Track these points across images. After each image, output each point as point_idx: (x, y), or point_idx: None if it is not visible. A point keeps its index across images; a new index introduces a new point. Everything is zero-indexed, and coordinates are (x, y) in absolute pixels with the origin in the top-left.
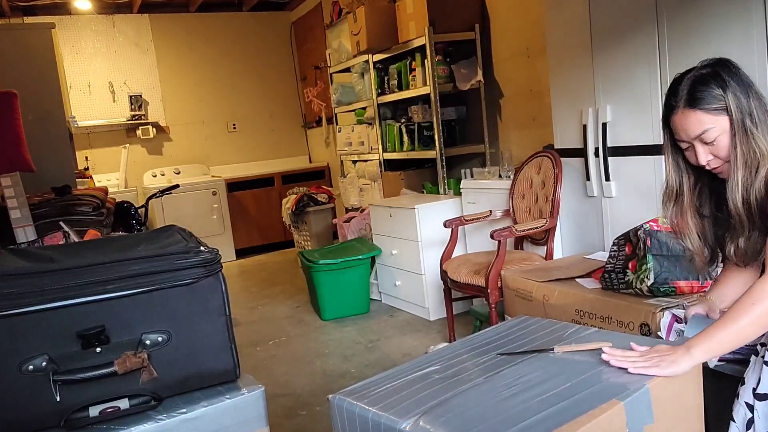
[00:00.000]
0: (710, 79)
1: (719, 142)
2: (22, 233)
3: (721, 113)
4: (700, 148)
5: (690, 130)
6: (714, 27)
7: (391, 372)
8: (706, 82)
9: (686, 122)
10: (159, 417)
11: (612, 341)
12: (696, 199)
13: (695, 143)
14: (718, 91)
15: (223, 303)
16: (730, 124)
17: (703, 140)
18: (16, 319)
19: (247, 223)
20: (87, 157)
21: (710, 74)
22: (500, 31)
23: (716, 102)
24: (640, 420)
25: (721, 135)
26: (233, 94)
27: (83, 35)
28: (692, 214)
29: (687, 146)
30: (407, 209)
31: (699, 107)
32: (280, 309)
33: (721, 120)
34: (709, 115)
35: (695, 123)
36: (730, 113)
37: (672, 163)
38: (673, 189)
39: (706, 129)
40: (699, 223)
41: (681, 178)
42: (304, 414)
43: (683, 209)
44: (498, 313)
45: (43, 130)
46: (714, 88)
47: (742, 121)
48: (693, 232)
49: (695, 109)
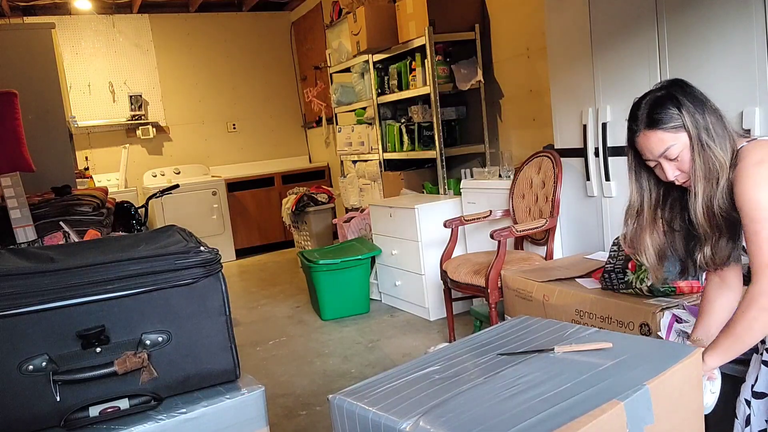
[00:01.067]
0: (666, 101)
1: (683, 157)
2: (22, 233)
3: (680, 130)
4: (666, 165)
5: (654, 149)
6: (714, 27)
7: (391, 372)
8: (662, 103)
9: (649, 142)
10: (159, 417)
11: (612, 341)
12: (667, 213)
13: (661, 161)
14: (673, 110)
15: (223, 303)
16: (689, 139)
17: (668, 157)
18: (16, 319)
19: (247, 223)
20: (87, 157)
21: (665, 96)
22: (500, 31)
23: (673, 120)
24: (640, 420)
25: (683, 150)
26: (233, 94)
27: (83, 35)
28: (650, 233)
29: (655, 164)
30: (407, 209)
31: (658, 127)
32: (280, 309)
33: (681, 136)
34: (668, 133)
35: (657, 142)
36: (687, 129)
37: (635, 184)
38: (634, 208)
39: (668, 146)
40: (658, 240)
41: (642, 197)
42: (304, 414)
43: (642, 227)
44: (498, 313)
45: (43, 130)
46: (670, 108)
47: (699, 136)
48: (649, 249)
49: (655, 129)
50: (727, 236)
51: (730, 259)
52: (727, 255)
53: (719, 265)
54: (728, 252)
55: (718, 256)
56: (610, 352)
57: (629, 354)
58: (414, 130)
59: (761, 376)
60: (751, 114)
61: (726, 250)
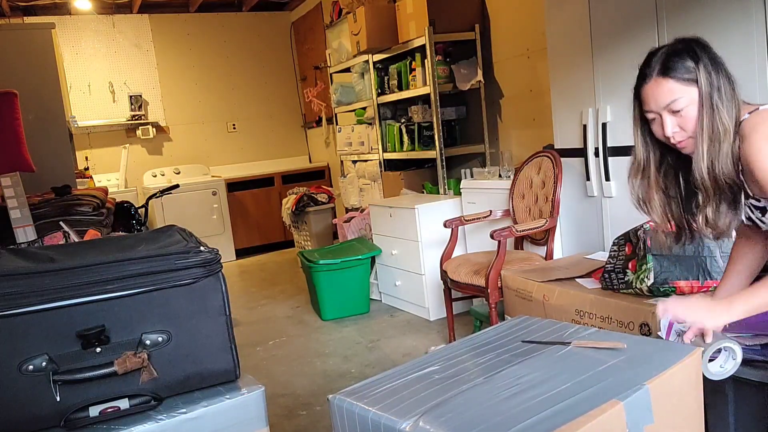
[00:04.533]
0: (684, 52)
1: (686, 113)
2: (22, 233)
3: (692, 84)
4: (667, 119)
5: (660, 99)
6: (714, 27)
7: (391, 372)
8: (679, 54)
9: (657, 90)
10: (159, 417)
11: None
12: (663, 178)
13: (663, 113)
14: (690, 62)
15: (223, 303)
16: (699, 96)
17: (672, 109)
18: (16, 319)
19: (247, 223)
20: (87, 157)
21: (684, 48)
22: (500, 31)
23: (688, 73)
24: (640, 420)
25: (689, 106)
26: (233, 94)
27: (83, 35)
28: (657, 190)
29: (654, 117)
30: (407, 209)
31: (671, 75)
32: (280, 309)
33: (690, 90)
34: (679, 84)
35: (666, 92)
36: (699, 85)
37: (640, 138)
38: (640, 163)
39: (675, 98)
40: (664, 199)
41: (648, 153)
42: (304, 414)
43: (650, 184)
44: (498, 313)
45: (43, 130)
46: (687, 59)
47: (710, 94)
48: (658, 207)
49: (667, 77)
50: (727, 202)
51: (730, 229)
52: (728, 223)
53: (720, 233)
54: (729, 220)
55: (721, 222)
56: (610, 352)
57: (629, 354)
58: (414, 130)
59: None
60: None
61: (727, 217)
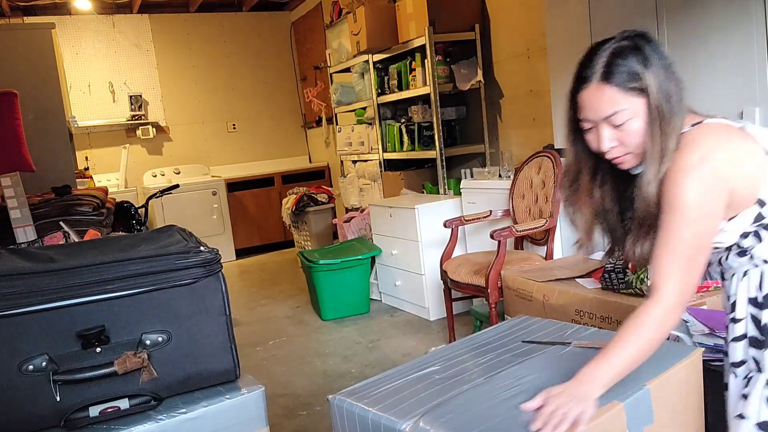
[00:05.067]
0: (631, 53)
1: (628, 128)
2: (22, 233)
3: (637, 94)
4: (605, 132)
5: (600, 109)
6: (714, 28)
7: (391, 372)
8: (625, 55)
9: (597, 99)
10: (159, 417)
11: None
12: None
13: (601, 125)
14: (638, 67)
15: (223, 303)
16: (646, 108)
17: (612, 122)
18: (16, 319)
19: (247, 223)
20: (87, 157)
21: (631, 47)
22: (500, 31)
23: (634, 80)
24: (640, 421)
25: (632, 119)
26: (233, 94)
27: (83, 35)
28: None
29: (590, 127)
30: (407, 209)
31: (614, 83)
32: (280, 309)
33: (635, 102)
34: (623, 94)
35: (607, 101)
36: (648, 95)
37: (572, 147)
38: (570, 171)
39: (617, 110)
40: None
41: (579, 163)
42: (304, 414)
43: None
44: (498, 313)
45: (43, 130)
46: (634, 63)
47: (660, 106)
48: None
49: (610, 84)
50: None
51: None
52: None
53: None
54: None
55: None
56: None
57: None
58: (414, 130)
59: None
60: (751, 114)
61: None
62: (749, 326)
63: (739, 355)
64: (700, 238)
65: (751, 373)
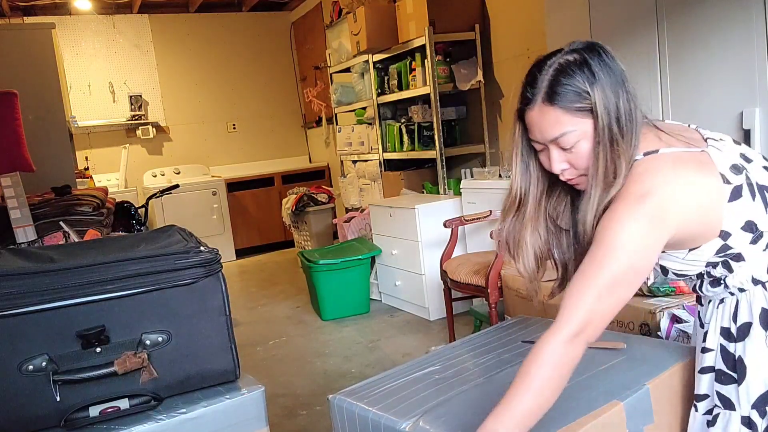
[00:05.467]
0: (577, 71)
1: (578, 150)
2: (22, 233)
3: (585, 115)
4: (555, 154)
5: (546, 131)
6: (714, 28)
7: (391, 372)
8: (571, 73)
9: (542, 120)
10: (159, 417)
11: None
12: (552, 208)
13: (550, 147)
14: (584, 86)
15: (223, 303)
16: (594, 129)
17: (560, 145)
18: (16, 319)
19: (247, 223)
20: (87, 157)
21: (579, 62)
22: (500, 31)
23: (581, 100)
24: (640, 420)
25: (581, 141)
26: (233, 94)
27: (83, 35)
28: (532, 230)
29: (542, 148)
30: (407, 209)
31: (559, 104)
32: (280, 309)
33: (583, 123)
34: (569, 115)
35: (552, 123)
36: (595, 116)
37: (521, 167)
38: (516, 197)
39: (564, 132)
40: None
41: (528, 185)
42: (304, 414)
43: (523, 223)
44: (498, 313)
45: (44, 130)
46: (580, 82)
47: (609, 127)
48: (529, 253)
49: (554, 105)
50: None
51: None
52: None
53: None
54: None
55: None
56: (611, 352)
57: (629, 354)
58: (414, 130)
59: None
60: (751, 114)
61: None
62: (717, 359)
63: (703, 388)
64: (624, 273)
65: (716, 410)
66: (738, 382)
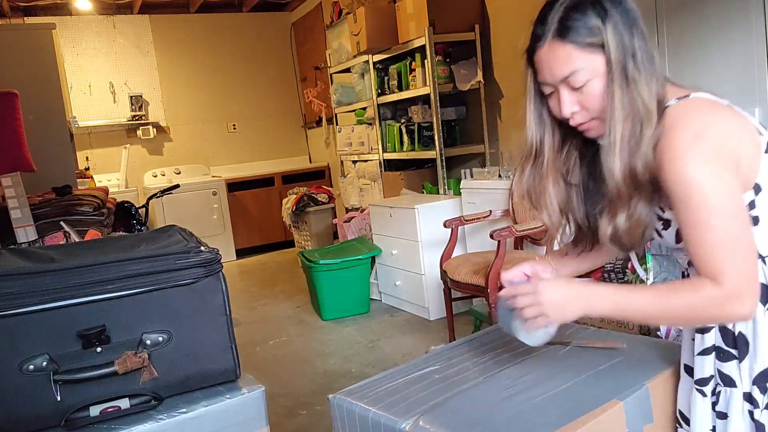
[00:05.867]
0: (589, 6)
1: (589, 90)
2: (23, 233)
3: (596, 51)
4: (565, 95)
5: (556, 69)
6: (714, 27)
7: (391, 372)
8: (582, 8)
9: (552, 58)
10: (159, 417)
11: (621, 341)
12: (562, 164)
13: (560, 88)
14: (596, 21)
15: (224, 303)
16: (606, 66)
17: (570, 84)
18: (16, 319)
19: (247, 223)
20: (87, 157)
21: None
22: (500, 31)
23: (591, 35)
24: (639, 420)
25: (592, 80)
26: (233, 94)
27: (84, 36)
28: (554, 181)
29: (551, 91)
30: (407, 209)
31: (570, 39)
32: (281, 309)
33: (594, 60)
34: (580, 51)
35: (563, 60)
36: (607, 52)
37: (534, 114)
38: (532, 147)
39: (575, 69)
40: (563, 192)
41: (543, 133)
42: (305, 414)
43: (543, 173)
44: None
45: (44, 130)
46: (591, 17)
47: (623, 63)
48: (553, 203)
49: (565, 41)
50: (646, 201)
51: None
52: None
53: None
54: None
55: (634, 231)
56: (610, 352)
57: (629, 354)
58: (414, 130)
59: None
60: (750, 114)
61: (642, 223)
62: (717, 337)
63: (708, 370)
64: (733, 216)
65: (717, 388)
66: (739, 359)
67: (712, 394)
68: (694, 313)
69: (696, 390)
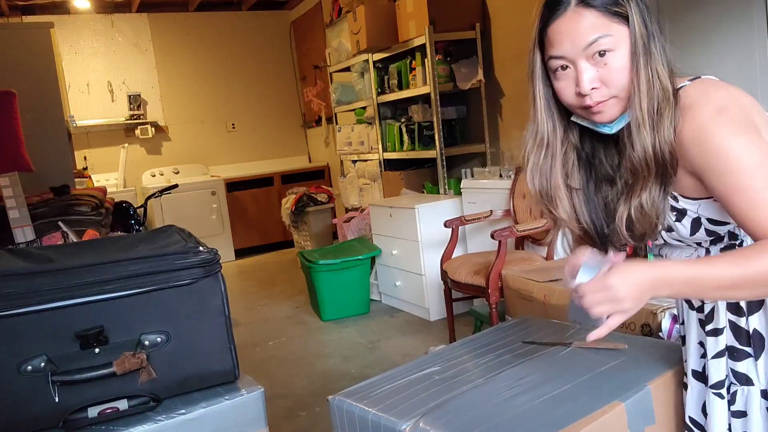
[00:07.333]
0: None
1: (611, 61)
2: (21, 233)
3: (621, 21)
4: (586, 69)
5: (579, 37)
6: (714, 27)
7: (391, 373)
8: None
9: (576, 25)
10: (158, 418)
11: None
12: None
13: (579, 62)
14: None
15: (223, 303)
16: (630, 39)
17: (593, 51)
18: (14, 320)
19: (246, 223)
20: (86, 156)
21: None
22: (501, 30)
23: (617, 5)
24: (641, 421)
25: (615, 51)
26: (232, 93)
27: (82, 35)
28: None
29: (566, 67)
30: (407, 209)
31: (594, 5)
32: (280, 309)
33: (619, 30)
34: (606, 18)
35: (588, 27)
36: (632, 26)
37: (543, 101)
38: (543, 137)
39: (600, 35)
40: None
41: (554, 124)
42: (304, 415)
43: (554, 163)
44: (498, 314)
45: (42, 130)
46: None
47: (646, 39)
48: (564, 198)
49: (590, 7)
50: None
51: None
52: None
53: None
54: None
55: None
56: (611, 353)
57: (630, 355)
58: (414, 129)
59: None
60: None
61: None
62: (729, 337)
63: (723, 372)
64: None
65: (733, 387)
66: (755, 357)
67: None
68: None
69: (713, 394)
